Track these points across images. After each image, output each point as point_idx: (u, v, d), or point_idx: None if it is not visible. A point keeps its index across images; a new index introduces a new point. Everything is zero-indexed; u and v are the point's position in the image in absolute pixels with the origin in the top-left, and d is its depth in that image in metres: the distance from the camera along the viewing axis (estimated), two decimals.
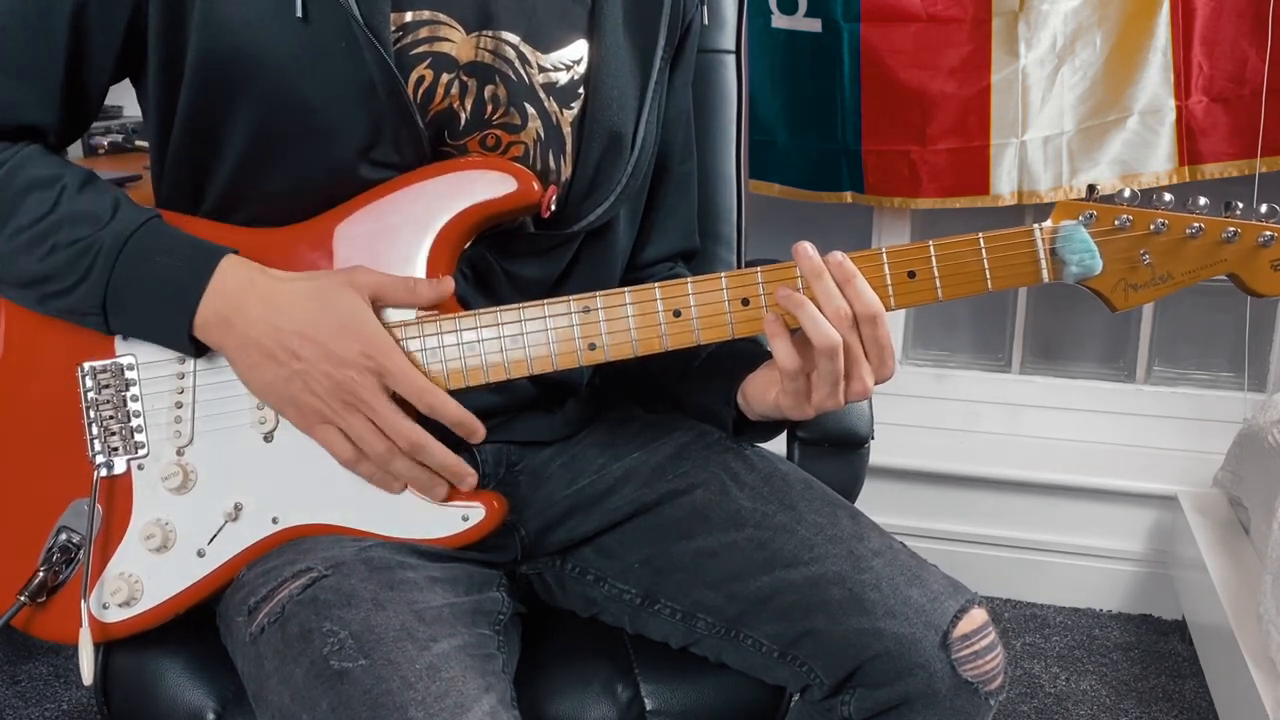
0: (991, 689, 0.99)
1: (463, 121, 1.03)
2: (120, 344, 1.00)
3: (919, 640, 0.96)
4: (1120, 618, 2.26)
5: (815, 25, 2.09)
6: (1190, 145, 2.00)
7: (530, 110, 1.05)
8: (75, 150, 1.94)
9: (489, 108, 1.03)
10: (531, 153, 1.06)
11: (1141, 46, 1.98)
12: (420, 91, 1.01)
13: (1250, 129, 1.97)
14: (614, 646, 1.11)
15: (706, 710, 1.08)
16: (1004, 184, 2.08)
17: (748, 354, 1.06)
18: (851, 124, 2.12)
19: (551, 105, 1.06)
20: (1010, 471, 2.27)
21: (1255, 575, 1.79)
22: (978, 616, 0.99)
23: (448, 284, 0.97)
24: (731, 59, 1.45)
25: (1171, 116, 2.00)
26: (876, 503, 1.09)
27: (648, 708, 1.07)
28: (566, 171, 1.08)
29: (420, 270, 0.98)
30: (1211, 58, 1.97)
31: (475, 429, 0.97)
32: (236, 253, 0.97)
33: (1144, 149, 2.02)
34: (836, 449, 1.22)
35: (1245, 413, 2.19)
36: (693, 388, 1.11)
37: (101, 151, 1.99)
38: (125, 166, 1.86)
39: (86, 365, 1.00)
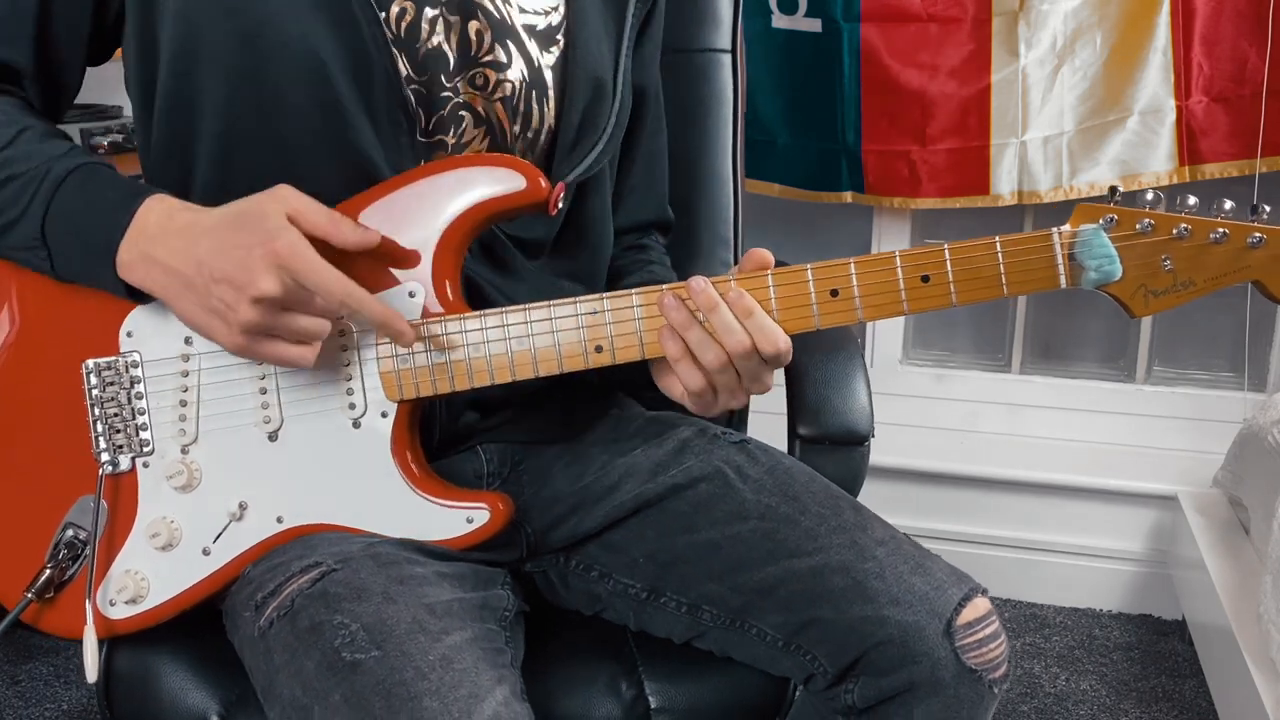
0: (995, 677, 0.99)
1: (452, 62, 1.03)
2: (125, 340, 1.00)
3: (923, 628, 0.96)
4: (1120, 618, 2.26)
5: (815, 25, 2.10)
6: (1190, 145, 2.01)
7: (513, 49, 1.05)
8: None
9: (474, 44, 1.04)
10: (517, 92, 1.06)
11: (1141, 46, 1.98)
12: (403, 26, 1.00)
13: (1250, 129, 1.97)
14: (618, 645, 1.11)
15: (711, 707, 1.08)
16: (1004, 184, 2.08)
17: None
18: (851, 124, 2.13)
19: (532, 47, 1.07)
20: (1010, 471, 2.27)
21: (1255, 575, 1.79)
22: (981, 605, 0.99)
23: (374, 235, 0.94)
24: (727, 58, 1.45)
25: (1171, 116, 2.00)
26: (877, 502, 1.09)
27: (652, 706, 1.07)
28: (550, 118, 1.08)
29: (427, 269, 0.98)
30: (1211, 58, 1.98)
31: (403, 330, 0.94)
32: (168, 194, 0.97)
33: (1144, 149, 2.02)
34: (837, 446, 1.22)
35: (1245, 413, 2.19)
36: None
37: (101, 151, 1.99)
38: (125, 167, 1.83)
39: (91, 363, 1.00)
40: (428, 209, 0.98)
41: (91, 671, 0.98)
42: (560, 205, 1.03)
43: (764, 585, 1.02)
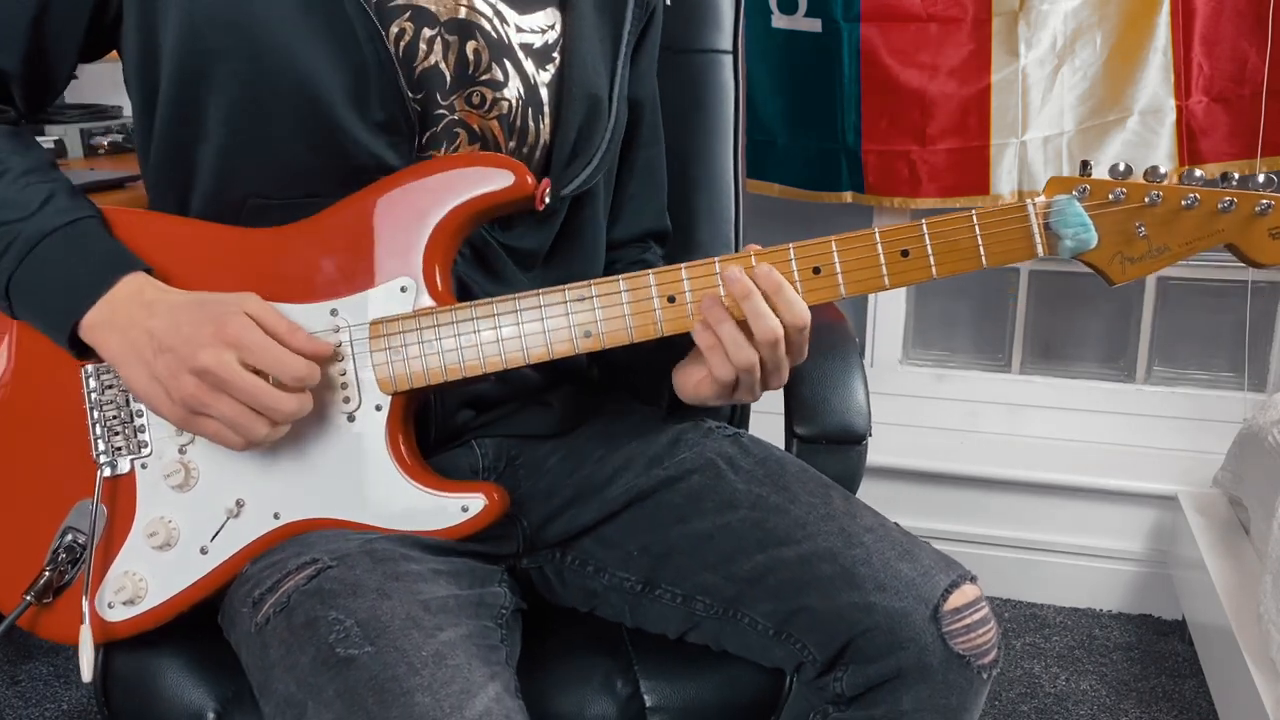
0: (984, 663, 0.99)
1: (448, 80, 1.04)
2: None
3: (909, 614, 0.96)
4: (1120, 618, 2.26)
5: (815, 25, 2.10)
6: (1190, 145, 2.01)
7: (510, 68, 1.06)
8: (75, 150, 1.95)
9: (471, 64, 1.04)
10: (514, 110, 1.07)
11: (1141, 46, 1.98)
12: (402, 46, 1.01)
13: (1250, 129, 1.97)
14: (613, 643, 1.11)
15: (705, 706, 1.08)
16: (1004, 184, 2.08)
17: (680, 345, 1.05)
18: (851, 124, 2.13)
19: (529, 65, 1.07)
20: (1010, 471, 2.27)
21: (1255, 575, 1.79)
22: (970, 591, 0.99)
23: (326, 347, 0.96)
24: (729, 59, 1.45)
25: (1171, 116, 2.00)
26: (877, 502, 1.09)
27: (647, 704, 1.07)
28: (546, 134, 1.09)
29: (418, 263, 0.98)
30: (1211, 58, 1.97)
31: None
32: (151, 271, 0.98)
33: (1144, 149, 2.02)
34: (834, 446, 1.22)
35: (1245, 413, 2.19)
36: (635, 366, 1.11)
37: (101, 151, 1.99)
38: (125, 166, 1.86)
39: (90, 366, 1.01)
40: (419, 206, 0.99)
41: (87, 673, 0.98)
42: (547, 201, 1.03)
43: (754, 574, 1.02)
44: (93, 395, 1.01)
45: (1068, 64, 2.02)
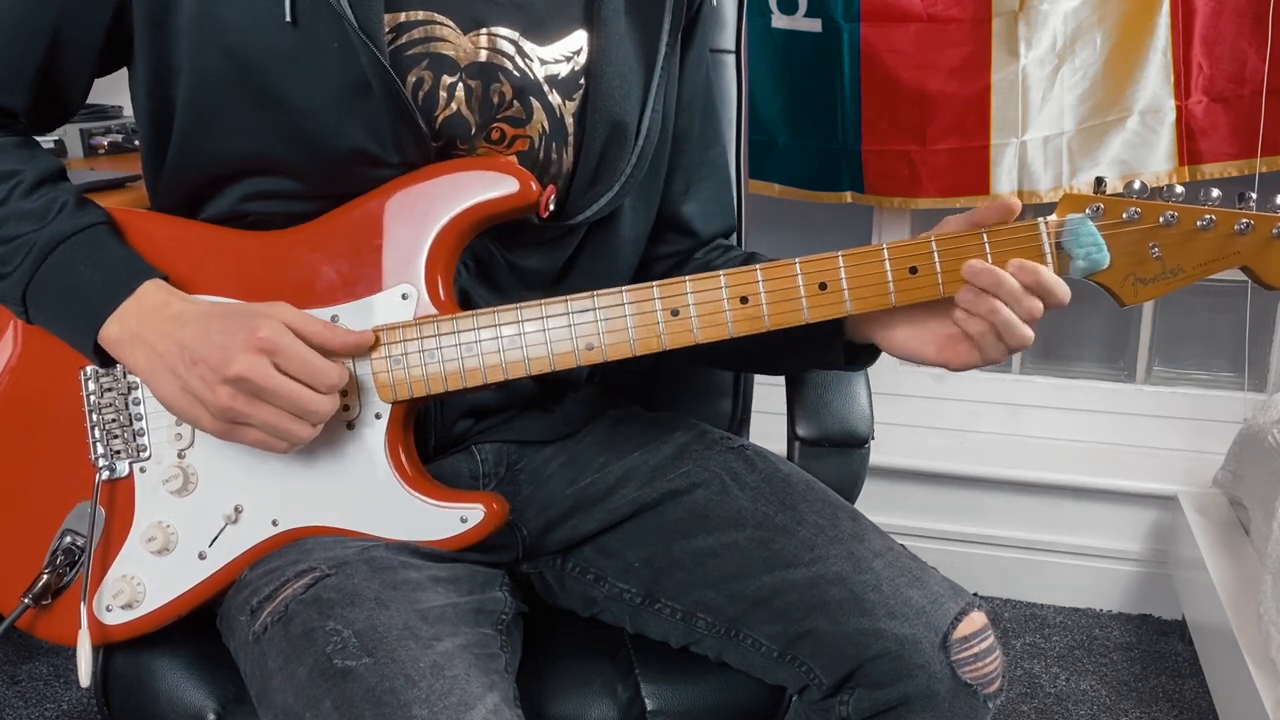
0: (990, 692, 0.99)
1: (473, 126, 1.03)
2: None
3: (919, 641, 0.96)
4: (1120, 618, 2.26)
5: (815, 25, 2.09)
6: (1190, 145, 2.00)
7: (535, 104, 1.05)
8: (75, 150, 1.94)
9: (495, 106, 1.03)
10: (537, 145, 1.05)
11: (1141, 46, 1.98)
12: (421, 95, 1.00)
13: (1250, 129, 1.96)
14: (615, 646, 1.11)
15: (707, 710, 1.08)
16: (1004, 184, 2.07)
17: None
18: (851, 124, 2.12)
19: (555, 98, 1.06)
20: (1010, 471, 2.27)
21: (1255, 575, 1.79)
22: (977, 619, 0.99)
23: (368, 337, 0.96)
24: (731, 59, 1.45)
25: (1171, 116, 2.00)
26: (876, 503, 1.09)
27: (648, 708, 1.07)
28: (568, 162, 1.07)
29: (420, 271, 0.98)
30: (1211, 58, 1.97)
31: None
32: (166, 278, 0.98)
33: (1144, 149, 2.02)
34: (837, 449, 1.22)
35: (1245, 413, 2.19)
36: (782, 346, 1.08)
37: (101, 151, 1.99)
38: (125, 166, 1.85)
39: (89, 369, 1.01)
40: (421, 212, 0.98)
41: (85, 677, 0.98)
42: (551, 208, 1.03)
43: (760, 595, 1.02)
44: (91, 398, 1.01)
45: (1068, 64, 2.02)
